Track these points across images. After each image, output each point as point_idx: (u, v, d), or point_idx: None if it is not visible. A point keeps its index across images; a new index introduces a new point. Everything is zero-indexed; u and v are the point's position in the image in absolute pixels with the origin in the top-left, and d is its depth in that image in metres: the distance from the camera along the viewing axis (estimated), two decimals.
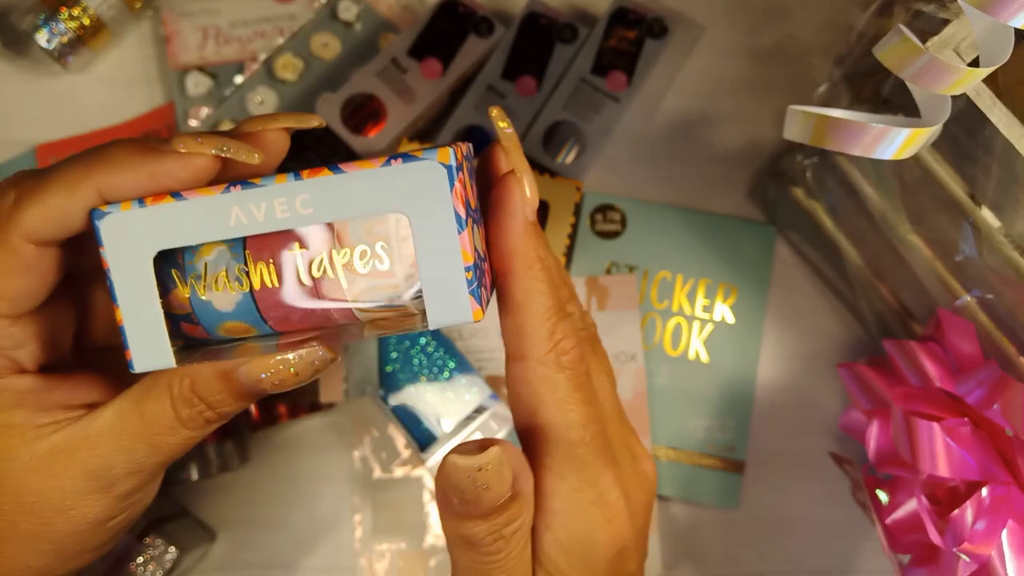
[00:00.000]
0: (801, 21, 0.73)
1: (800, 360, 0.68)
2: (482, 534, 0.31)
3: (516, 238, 0.32)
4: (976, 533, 0.48)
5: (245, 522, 0.66)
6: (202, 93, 0.70)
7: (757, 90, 0.72)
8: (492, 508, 0.31)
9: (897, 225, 0.55)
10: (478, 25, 0.69)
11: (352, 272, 0.30)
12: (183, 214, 0.29)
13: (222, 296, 0.30)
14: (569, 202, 0.60)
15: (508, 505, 0.31)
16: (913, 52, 0.37)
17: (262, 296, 0.30)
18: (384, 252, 0.29)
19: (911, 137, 0.39)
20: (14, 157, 0.71)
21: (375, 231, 0.29)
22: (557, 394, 0.32)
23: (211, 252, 0.30)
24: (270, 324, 0.31)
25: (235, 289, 0.30)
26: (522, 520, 0.32)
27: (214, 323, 0.31)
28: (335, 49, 0.71)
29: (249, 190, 0.29)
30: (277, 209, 0.29)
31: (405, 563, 0.64)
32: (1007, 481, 0.49)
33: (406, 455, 0.65)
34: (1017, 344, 0.54)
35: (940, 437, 0.48)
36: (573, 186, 0.60)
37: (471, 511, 0.31)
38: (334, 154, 0.64)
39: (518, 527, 0.32)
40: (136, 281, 0.30)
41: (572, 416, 0.32)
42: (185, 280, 0.30)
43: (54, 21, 0.69)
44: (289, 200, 0.29)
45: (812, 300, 0.69)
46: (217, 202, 0.29)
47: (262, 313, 0.30)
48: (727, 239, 0.69)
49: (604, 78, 0.68)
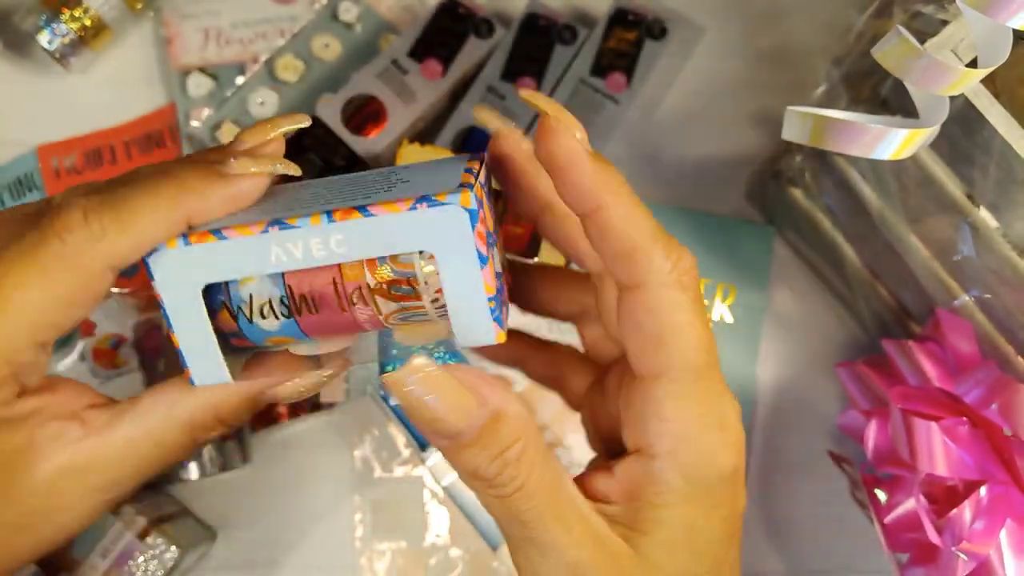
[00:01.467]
0: (800, 22, 0.74)
1: (799, 360, 0.68)
2: (483, 464, 0.31)
3: (590, 175, 0.32)
4: (975, 532, 0.49)
5: (246, 521, 0.66)
6: (203, 94, 0.70)
7: (756, 91, 0.72)
8: (457, 430, 0.30)
9: (895, 225, 0.55)
10: (478, 26, 0.69)
11: (385, 299, 0.33)
12: (227, 252, 0.32)
13: (267, 321, 0.33)
14: None
15: (493, 427, 0.30)
16: (911, 53, 0.38)
17: (303, 320, 0.33)
18: (412, 283, 0.32)
19: (909, 138, 0.39)
20: (15, 157, 0.71)
21: (403, 261, 0.32)
22: (683, 315, 0.31)
23: (254, 281, 0.33)
24: (311, 336, 0.34)
25: (279, 316, 0.33)
26: (523, 443, 0.31)
27: (261, 338, 0.34)
28: (336, 50, 0.71)
29: (287, 231, 0.31)
30: (314, 248, 0.31)
31: (405, 562, 0.64)
32: (1005, 481, 0.49)
33: (406, 454, 0.66)
34: (1016, 344, 0.54)
35: (938, 436, 0.49)
36: None
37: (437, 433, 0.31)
38: (335, 155, 0.64)
39: (521, 449, 0.31)
40: (188, 311, 0.33)
41: (698, 338, 0.31)
42: (232, 308, 0.33)
43: (56, 22, 0.69)
44: (324, 240, 0.31)
45: (811, 300, 0.69)
46: (258, 242, 0.31)
47: (304, 331, 0.34)
48: (726, 239, 0.69)
49: (604, 79, 0.69)
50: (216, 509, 0.66)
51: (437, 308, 0.33)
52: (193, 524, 0.65)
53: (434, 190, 0.31)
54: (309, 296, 0.33)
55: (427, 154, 0.61)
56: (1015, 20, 0.36)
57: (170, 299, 0.33)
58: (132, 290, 0.63)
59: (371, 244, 0.31)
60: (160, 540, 0.60)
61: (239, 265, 0.32)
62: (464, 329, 0.32)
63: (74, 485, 0.34)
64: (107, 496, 0.34)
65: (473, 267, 0.31)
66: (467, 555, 0.64)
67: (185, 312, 0.33)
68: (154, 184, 0.31)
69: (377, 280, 0.32)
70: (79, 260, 0.31)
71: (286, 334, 0.34)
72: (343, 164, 0.64)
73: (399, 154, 0.60)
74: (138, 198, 0.31)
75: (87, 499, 0.34)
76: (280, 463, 0.67)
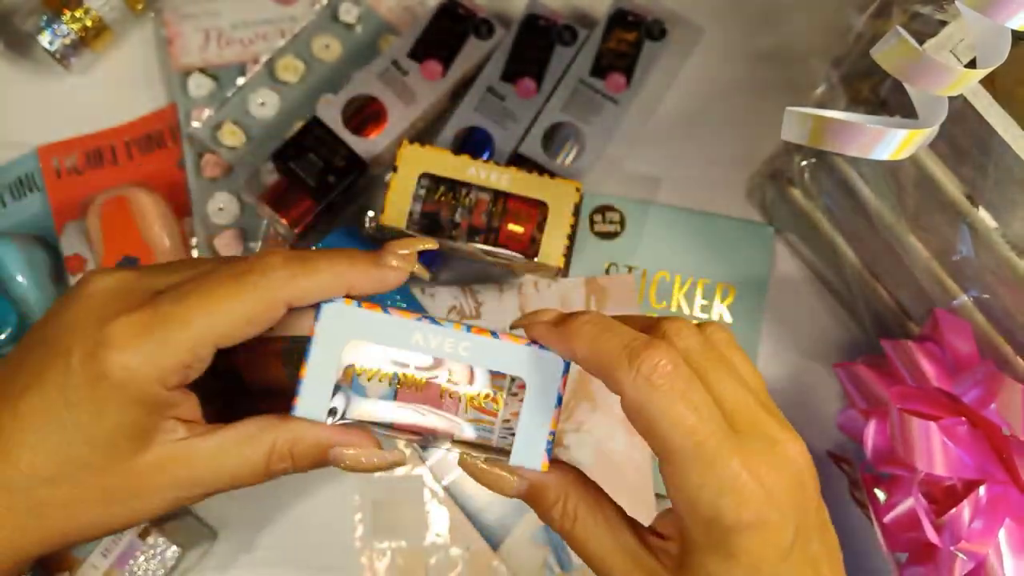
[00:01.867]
0: (799, 23, 0.74)
1: (797, 359, 0.69)
2: (540, 516, 0.42)
3: (556, 340, 0.40)
4: (973, 532, 0.49)
5: (247, 520, 0.66)
6: (204, 95, 0.71)
7: (755, 92, 0.73)
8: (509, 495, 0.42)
9: (894, 225, 0.55)
10: (478, 27, 0.69)
11: (470, 404, 0.42)
12: (383, 324, 0.41)
13: (374, 387, 0.42)
14: (568, 203, 0.61)
15: (533, 492, 0.41)
16: (910, 54, 0.38)
17: (401, 396, 0.42)
18: (498, 400, 0.42)
19: (908, 138, 0.39)
20: (16, 158, 0.71)
21: (496, 383, 0.42)
22: (658, 408, 0.37)
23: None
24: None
25: (388, 385, 0.42)
26: (563, 500, 0.41)
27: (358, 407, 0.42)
28: (336, 51, 0.72)
29: (434, 326, 0.41)
30: (445, 345, 0.41)
31: (405, 561, 0.64)
32: (1004, 480, 0.49)
33: (407, 454, 0.66)
34: (1014, 344, 0.54)
35: (937, 436, 0.49)
36: (572, 187, 0.61)
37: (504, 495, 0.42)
38: (335, 155, 0.64)
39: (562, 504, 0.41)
40: (327, 354, 0.41)
41: (679, 424, 0.37)
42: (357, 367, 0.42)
43: (57, 23, 0.69)
44: (456, 343, 0.41)
45: (809, 300, 0.69)
46: (409, 325, 0.41)
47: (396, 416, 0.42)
48: (725, 239, 0.69)
49: (603, 80, 0.69)
50: (217, 508, 0.67)
51: (503, 427, 0.42)
52: (194, 523, 0.65)
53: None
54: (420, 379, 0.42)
55: (427, 155, 0.61)
56: (1014, 21, 0.36)
57: (321, 340, 0.41)
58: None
59: (487, 358, 0.41)
60: (161, 539, 0.60)
61: (387, 336, 0.41)
62: (521, 450, 0.41)
63: (161, 476, 0.40)
64: (181, 494, 0.41)
65: (551, 404, 0.41)
66: (467, 554, 0.64)
67: (324, 355, 0.41)
68: (335, 255, 0.41)
69: (476, 389, 0.42)
70: (269, 291, 0.40)
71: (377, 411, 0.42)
72: (343, 164, 0.65)
73: (399, 154, 0.61)
74: (322, 261, 0.41)
75: (166, 492, 0.41)
76: None
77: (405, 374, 0.42)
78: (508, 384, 0.42)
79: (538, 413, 0.41)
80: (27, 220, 0.70)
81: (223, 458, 0.41)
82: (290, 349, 0.48)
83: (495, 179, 0.61)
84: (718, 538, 0.38)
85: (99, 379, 0.39)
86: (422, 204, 0.61)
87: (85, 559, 0.60)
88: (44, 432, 0.39)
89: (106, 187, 0.68)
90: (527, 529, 0.60)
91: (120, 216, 0.65)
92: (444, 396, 0.42)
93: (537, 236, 0.61)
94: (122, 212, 0.65)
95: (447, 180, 0.62)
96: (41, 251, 0.67)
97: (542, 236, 0.61)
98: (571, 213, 0.61)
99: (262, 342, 0.44)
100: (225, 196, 0.69)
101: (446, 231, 0.62)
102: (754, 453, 0.38)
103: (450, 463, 0.60)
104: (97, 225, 0.65)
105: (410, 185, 0.61)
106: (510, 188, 0.61)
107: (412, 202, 0.61)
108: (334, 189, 0.64)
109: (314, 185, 0.64)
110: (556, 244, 0.61)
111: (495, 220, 0.62)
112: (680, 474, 0.37)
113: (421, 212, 0.61)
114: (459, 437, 0.42)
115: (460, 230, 0.62)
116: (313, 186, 0.64)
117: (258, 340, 0.44)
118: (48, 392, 0.39)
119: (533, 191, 0.61)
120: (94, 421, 0.39)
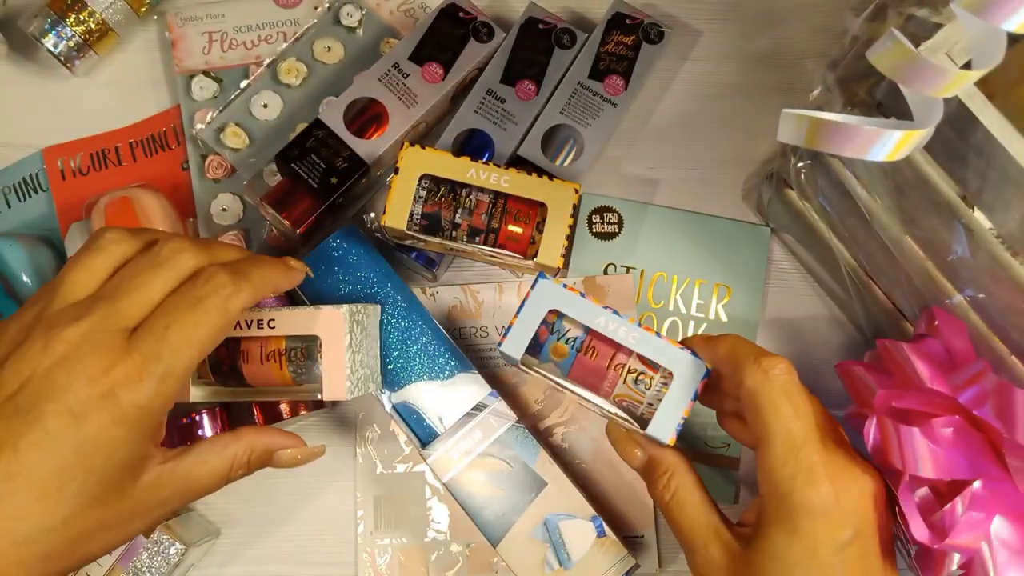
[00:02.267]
0: (795, 26, 0.74)
1: (794, 359, 0.68)
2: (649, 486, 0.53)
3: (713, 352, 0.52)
4: (965, 526, 0.49)
5: (249, 517, 0.67)
6: (207, 97, 0.71)
7: (752, 94, 0.73)
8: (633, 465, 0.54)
9: (890, 226, 0.56)
10: (478, 30, 0.70)
11: (626, 383, 0.54)
12: (579, 303, 0.54)
13: (562, 348, 0.55)
14: (567, 203, 0.61)
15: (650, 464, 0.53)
16: (906, 55, 0.38)
17: (580, 359, 0.55)
18: (650, 383, 0.54)
19: (904, 139, 0.40)
20: (21, 160, 0.71)
21: (648, 372, 0.54)
22: (768, 398, 0.47)
23: (575, 325, 0.55)
24: (570, 378, 0.56)
25: (572, 349, 0.55)
26: (669, 473, 0.52)
27: (545, 358, 0.56)
28: (338, 54, 0.72)
29: (615, 316, 0.53)
30: (620, 331, 0.53)
31: (407, 557, 0.65)
32: (1000, 477, 0.50)
33: (407, 451, 0.66)
34: (1010, 344, 0.54)
35: (921, 440, 0.49)
36: (571, 188, 0.61)
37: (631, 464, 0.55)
38: (337, 157, 0.65)
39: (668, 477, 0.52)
40: (533, 314, 0.54)
41: (780, 412, 0.46)
42: (550, 329, 0.55)
43: (61, 25, 0.70)
44: (627, 332, 0.53)
45: (805, 300, 0.70)
46: (597, 309, 0.54)
47: (571, 369, 0.55)
48: (722, 240, 0.70)
49: (602, 82, 0.69)
50: (220, 506, 0.67)
51: (647, 407, 0.54)
52: (197, 520, 0.65)
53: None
54: (596, 348, 0.55)
55: (428, 157, 0.61)
56: (1009, 23, 0.37)
57: (531, 302, 0.54)
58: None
59: (647, 348, 0.53)
60: (164, 537, 0.61)
61: (579, 312, 0.54)
62: (658, 424, 0.52)
63: (152, 497, 0.47)
64: (166, 509, 0.48)
65: (689, 396, 0.52)
66: (468, 551, 0.65)
67: (531, 314, 0.54)
68: (262, 264, 0.51)
69: (633, 368, 0.54)
70: (228, 311, 0.47)
71: (559, 366, 0.55)
72: (345, 166, 0.65)
73: (400, 156, 0.61)
74: (254, 270, 0.49)
75: (154, 510, 0.47)
76: None
77: (589, 341, 0.55)
78: (659, 374, 0.54)
79: (678, 401, 0.52)
80: (32, 221, 0.70)
81: (197, 473, 0.49)
82: (292, 348, 0.58)
83: (495, 180, 0.62)
84: (786, 513, 0.45)
85: (113, 424, 0.43)
86: (423, 205, 0.62)
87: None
88: (57, 484, 0.43)
89: (110, 188, 0.68)
90: (527, 526, 0.60)
91: (124, 217, 0.65)
92: (614, 366, 0.54)
93: (536, 237, 0.62)
94: (126, 213, 0.65)
95: (447, 181, 0.62)
96: (46, 251, 0.68)
97: (541, 237, 0.62)
98: (570, 214, 0.61)
99: (262, 345, 0.58)
100: (228, 197, 0.70)
101: (447, 232, 0.62)
102: (833, 462, 0.46)
103: (451, 460, 0.61)
104: (101, 226, 0.65)
105: (411, 186, 0.62)
106: (509, 189, 0.62)
107: (413, 203, 0.62)
108: (336, 190, 0.65)
109: (316, 186, 0.65)
110: (555, 244, 0.62)
111: (495, 221, 0.62)
112: (770, 454, 0.46)
113: (422, 213, 0.62)
114: (610, 408, 0.55)
115: (460, 231, 0.62)
116: (315, 187, 0.65)
117: (259, 343, 0.58)
118: (56, 449, 0.42)
119: (532, 192, 0.62)
120: (106, 463, 0.44)
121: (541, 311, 0.54)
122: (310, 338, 0.57)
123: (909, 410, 0.52)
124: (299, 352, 0.57)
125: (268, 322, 0.57)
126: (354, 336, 0.58)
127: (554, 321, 0.55)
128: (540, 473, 0.61)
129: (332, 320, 0.57)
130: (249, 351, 0.58)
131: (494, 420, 0.62)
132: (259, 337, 0.58)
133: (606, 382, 0.54)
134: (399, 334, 0.63)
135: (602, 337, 0.54)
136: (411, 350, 0.63)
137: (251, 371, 0.58)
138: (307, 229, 0.65)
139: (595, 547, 0.60)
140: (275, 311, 0.57)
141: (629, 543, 0.64)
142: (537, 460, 0.61)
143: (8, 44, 0.73)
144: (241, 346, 0.58)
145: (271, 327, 0.57)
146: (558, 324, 0.55)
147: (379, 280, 0.64)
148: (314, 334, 0.57)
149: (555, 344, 0.55)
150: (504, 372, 0.68)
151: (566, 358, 0.55)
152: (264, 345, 0.58)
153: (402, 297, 0.63)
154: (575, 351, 0.55)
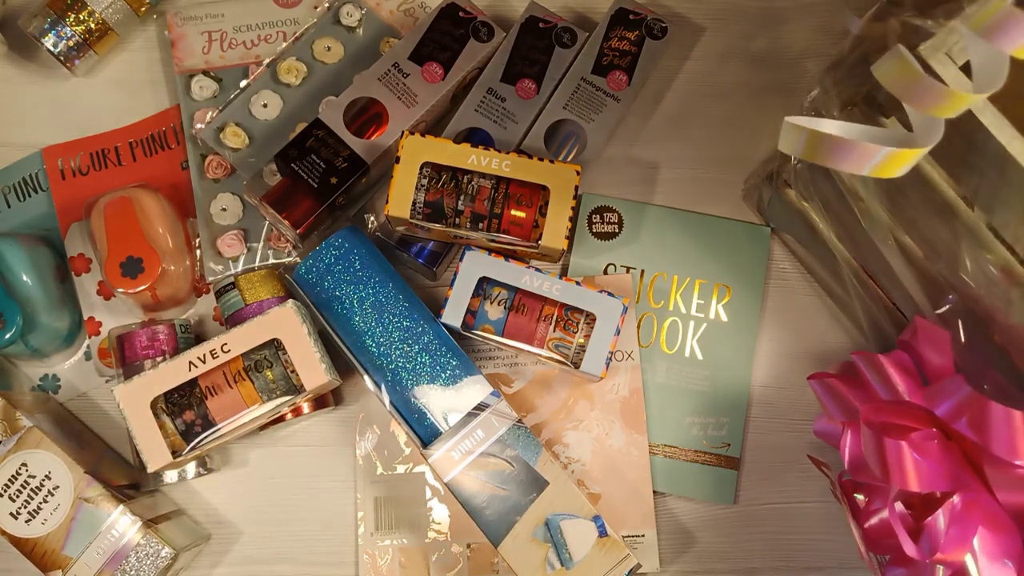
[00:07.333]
0: (796, 26, 0.74)
1: (794, 358, 0.69)
2: None
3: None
4: (949, 540, 0.49)
5: (250, 518, 0.67)
6: (207, 96, 0.71)
7: (752, 93, 0.73)
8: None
9: (889, 227, 0.56)
10: (478, 30, 0.70)
11: (557, 328, 0.63)
12: (502, 267, 0.64)
13: (494, 309, 0.65)
14: (569, 185, 0.61)
15: None
16: (911, 74, 0.38)
17: (512, 316, 0.64)
18: (577, 326, 0.64)
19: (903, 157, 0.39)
20: (21, 159, 0.71)
21: (574, 317, 0.64)
22: None
23: (503, 290, 0.64)
24: (505, 335, 0.64)
25: (504, 309, 0.64)
26: None
27: (482, 322, 0.64)
28: (338, 53, 0.72)
29: (537, 273, 0.63)
30: (544, 285, 0.63)
31: (407, 558, 0.65)
32: (978, 488, 0.50)
33: (408, 452, 0.66)
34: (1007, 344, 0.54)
35: (909, 454, 0.49)
36: (572, 170, 0.61)
37: None
38: (337, 156, 0.65)
39: None
40: (466, 285, 0.64)
41: None
42: (482, 295, 0.64)
43: (61, 25, 0.70)
44: (551, 285, 0.63)
45: (805, 299, 0.70)
46: (521, 270, 0.64)
47: (506, 326, 0.64)
48: (722, 240, 0.70)
49: (605, 78, 0.69)
50: (222, 505, 0.67)
51: (576, 348, 0.63)
52: (188, 524, 0.65)
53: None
54: (525, 304, 0.64)
55: (429, 144, 0.61)
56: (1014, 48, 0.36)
57: (463, 275, 0.64)
58: (136, 291, 0.64)
59: (572, 297, 0.63)
60: (154, 540, 0.61)
61: (505, 274, 0.64)
62: (590, 362, 0.63)
63: None
64: None
65: (612, 333, 0.63)
66: (468, 551, 0.65)
67: (464, 284, 0.63)
68: None
69: (560, 317, 0.63)
70: None
71: (494, 326, 0.64)
72: (345, 165, 0.65)
73: (401, 145, 0.61)
74: None
75: None
76: (283, 461, 0.68)
77: (517, 299, 0.64)
78: (582, 318, 0.63)
79: (604, 338, 0.62)
80: (32, 220, 0.70)
81: None
82: (252, 364, 0.61)
83: (496, 165, 0.62)
84: None
85: None
86: (425, 193, 0.62)
87: (78, 558, 0.60)
88: None
89: (110, 188, 0.68)
90: (528, 526, 0.60)
91: (124, 216, 0.65)
92: (542, 317, 0.64)
93: (539, 220, 0.62)
94: (126, 212, 0.65)
95: (449, 168, 0.62)
96: (46, 251, 0.68)
97: (544, 220, 0.62)
98: (572, 196, 0.62)
99: (224, 371, 0.60)
100: (228, 197, 0.70)
101: (450, 219, 0.62)
102: None
103: (452, 460, 0.61)
104: (101, 225, 0.65)
105: (413, 175, 0.62)
106: (511, 173, 0.62)
107: (415, 192, 0.62)
108: (336, 190, 0.65)
109: (316, 186, 0.65)
110: (559, 227, 0.62)
111: (497, 206, 0.62)
112: None
113: (424, 201, 0.62)
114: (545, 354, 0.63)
115: (463, 218, 0.62)
116: (315, 187, 0.65)
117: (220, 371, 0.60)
118: None
119: (533, 175, 0.62)
120: None
121: (472, 280, 0.64)
122: (262, 347, 0.61)
123: (888, 423, 0.52)
124: (257, 365, 0.61)
125: (222, 347, 0.60)
126: (308, 326, 0.61)
127: (485, 287, 0.65)
128: (542, 473, 0.61)
129: (284, 318, 0.60)
130: (215, 383, 0.60)
131: (496, 420, 0.62)
132: (219, 366, 0.61)
133: (538, 333, 0.64)
134: (401, 334, 0.63)
135: (529, 294, 0.64)
136: (413, 350, 0.63)
137: (222, 403, 0.60)
138: (307, 229, 0.65)
139: (597, 547, 0.60)
140: (224, 336, 0.60)
141: (630, 543, 0.64)
142: (539, 460, 0.61)
143: (8, 44, 0.73)
144: (201, 384, 0.60)
145: (225, 351, 0.60)
146: (488, 289, 0.65)
147: (380, 279, 0.64)
148: (273, 337, 0.60)
149: (488, 306, 0.64)
150: (505, 372, 0.68)
151: (500, 317, 0.64)
152: (227, 371, 0.61)
153: (404, 297, 0.63)
154: (507, 310, 0.64)
